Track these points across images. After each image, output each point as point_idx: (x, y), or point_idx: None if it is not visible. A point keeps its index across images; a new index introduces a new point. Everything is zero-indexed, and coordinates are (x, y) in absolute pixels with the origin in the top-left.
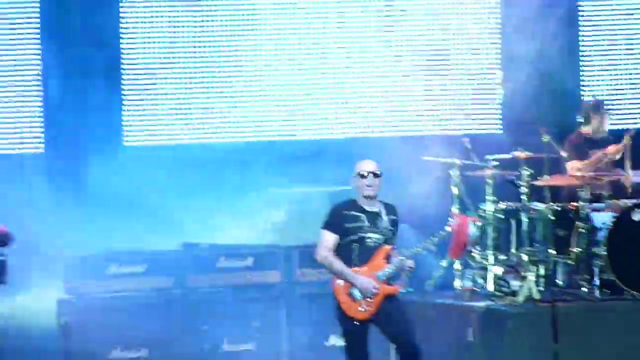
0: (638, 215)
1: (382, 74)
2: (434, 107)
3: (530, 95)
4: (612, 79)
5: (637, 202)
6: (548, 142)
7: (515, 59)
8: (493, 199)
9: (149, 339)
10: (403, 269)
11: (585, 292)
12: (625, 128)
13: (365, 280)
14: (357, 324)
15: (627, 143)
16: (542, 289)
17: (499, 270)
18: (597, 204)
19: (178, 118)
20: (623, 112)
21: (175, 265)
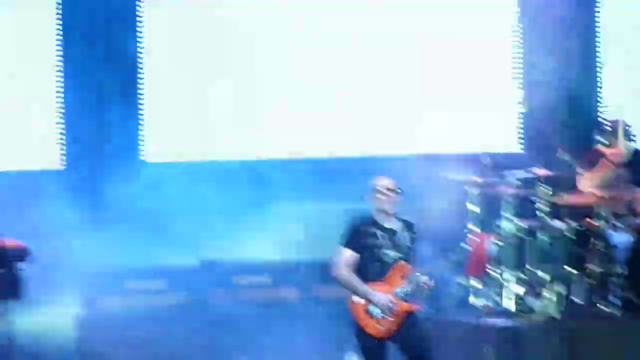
0: None
1: (401, 91)
2: (454, 124)
3: (550, 113)
4: (632, 95)
5: None
6: (567, 159)
7: (535, 77)
8: (511, 217)
9: (167, 355)
10: (421, 286)
11: (604, 310)
12: None
13: (383, 297)
14: (374, 341)
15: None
16: (560, 307)
17: (517, 288)
18: (615, 222)
19: (196, 134)
20: None
21: (194, 282)
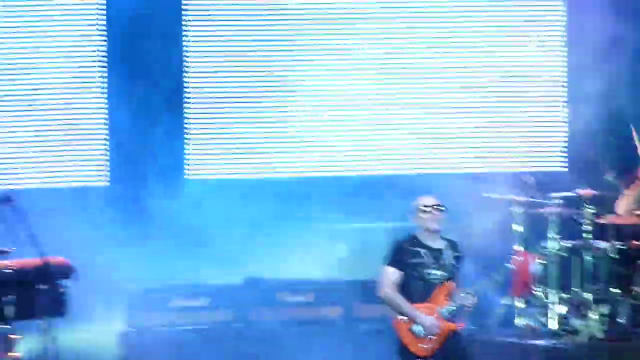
0: None
1: (445, 110)
2: (499, 144)
3: (595, 133)
4: None
5: None
6: (612, 180)
7: (581, 96)
8: (556, 237)
9: None
10: (465, 306)
11: None
12: None
13: (428, 317)
14: None
15: None
16: (604, 328)
17: (561, 309)
18: None
19: (241, 152)
20: None
21: (238, 299)
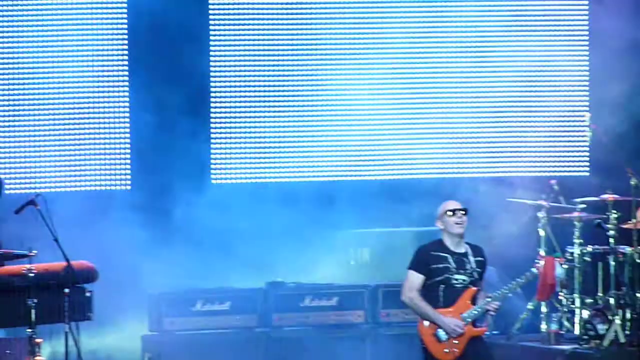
0: None
1: (470, 114)
2: (522, 148)
3: (619, 138)
4: None
5: None
6: (636, 184)
7: (604, 101)
8: (580, 242)
9: None
10: (488, 311)
11: None
12: None
13: (451, 322)
14: None
15: None
16: (628, 333)
17: (586, 314)
18: None
19: (266, 156)
20: None
21: (260, 304)
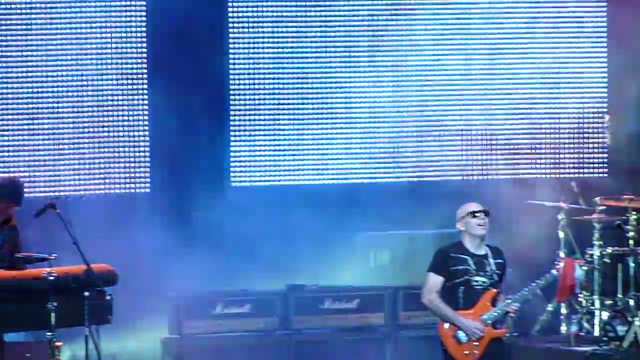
0: None
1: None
2: (543, 150)
3: (638, 139)
4: None
5: None
6: None
7: (623, 102)
8: (600, 243)
9: None
10: (509, 313)
11: None
12: None
13: (472, 324)
14: None
15: None
16: None
17: (605, 315)
18: None
19: (286, 159)
20: None
21: (280, 307)
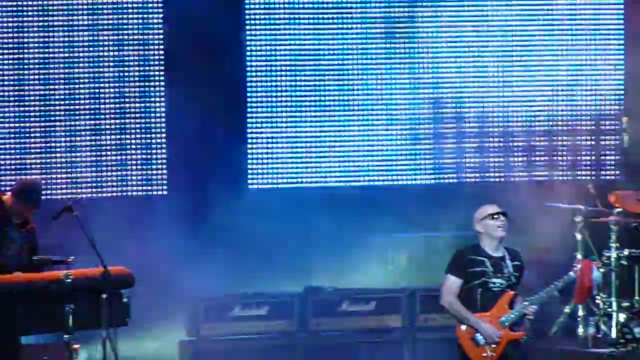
0: None
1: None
2: (559, 152)
3: None
4: None
5: None
6: None
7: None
8: (617, 246)
9: None
10: (526, 315)
11: None
12: None
13: (489, 327)
14: None
15: None
16: None
17: (623, 317)
18: None
19: (303, 161)
20: None
21: (298, 309)
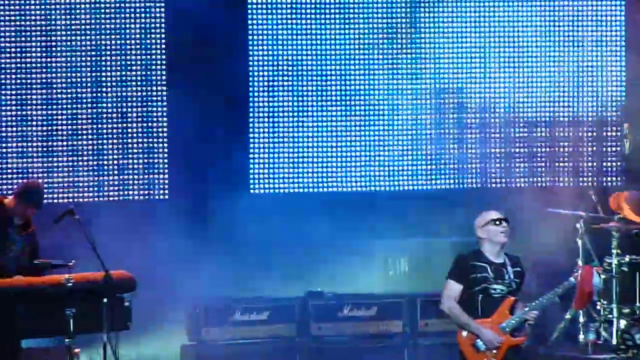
0: None
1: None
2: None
3: None
4: None
5: None
6: None
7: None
8: (618, 252)
9: None
10: (527, 321)
11: None
12: None
13: (490, 332)
14: None
15: None
16: None
17: (623, 324)
18: None
19: (305, 166)
20: None
21: (299, 314)
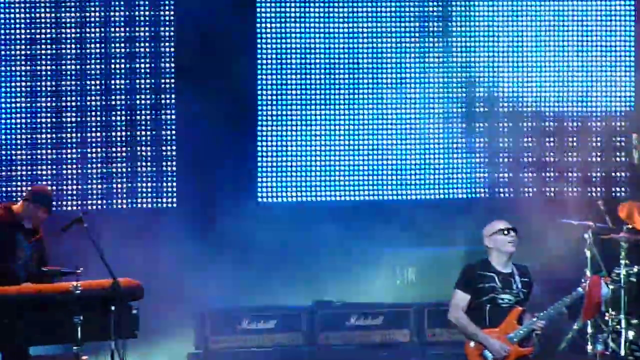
0: None
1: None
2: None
3: None
4: None
5: None
6: None
7: None
8: (626, 262)
9: None
10: (535, 331)
11: None
12: None
13: (497, 343)
14: None
15: None
16: None
17: (632, 335)
18: None
19: (314, 175)
20: None
21: (307, 323)
